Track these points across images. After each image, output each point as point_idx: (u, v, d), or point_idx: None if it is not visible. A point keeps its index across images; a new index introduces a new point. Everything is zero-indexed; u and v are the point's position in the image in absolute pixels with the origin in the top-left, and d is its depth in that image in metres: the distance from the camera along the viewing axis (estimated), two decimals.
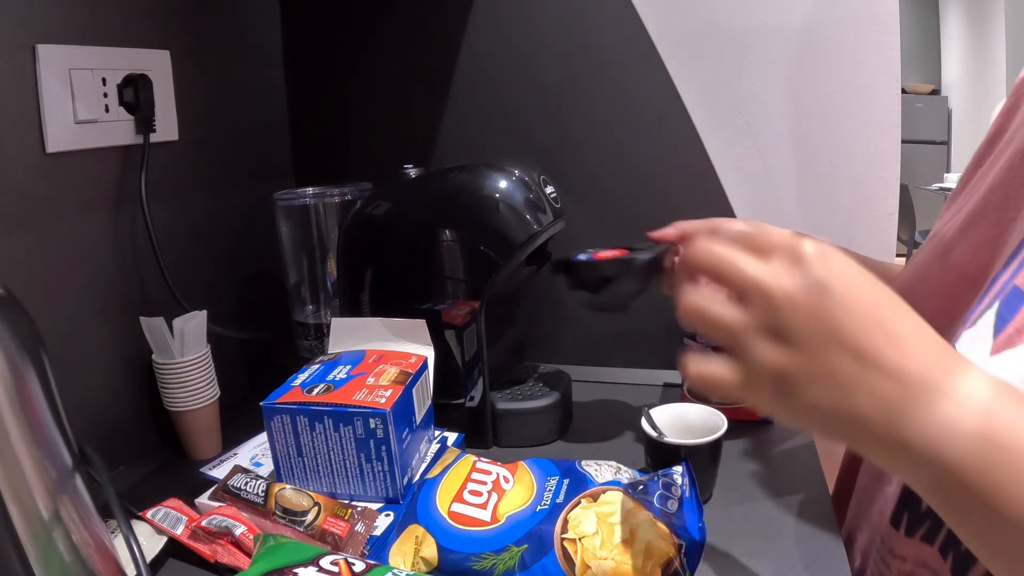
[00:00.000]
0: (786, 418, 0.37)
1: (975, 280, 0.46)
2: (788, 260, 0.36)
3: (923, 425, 0.33)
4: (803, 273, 0.35)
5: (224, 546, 0.59)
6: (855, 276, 0.35)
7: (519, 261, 0.76)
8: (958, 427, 0.32)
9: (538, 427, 0.82)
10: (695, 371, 0.38)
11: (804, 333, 0.35)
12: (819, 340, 0.34)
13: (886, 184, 0.87)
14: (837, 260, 0.35)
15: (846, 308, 0.34)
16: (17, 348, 0.41)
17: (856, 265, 0.36)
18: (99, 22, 0.74)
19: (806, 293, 0.35)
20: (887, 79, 0.84)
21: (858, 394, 0.34)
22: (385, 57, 1.03)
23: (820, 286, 0.35)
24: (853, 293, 0.35)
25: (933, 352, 0.34)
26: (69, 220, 0.72)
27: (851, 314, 0.34)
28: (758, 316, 0.36)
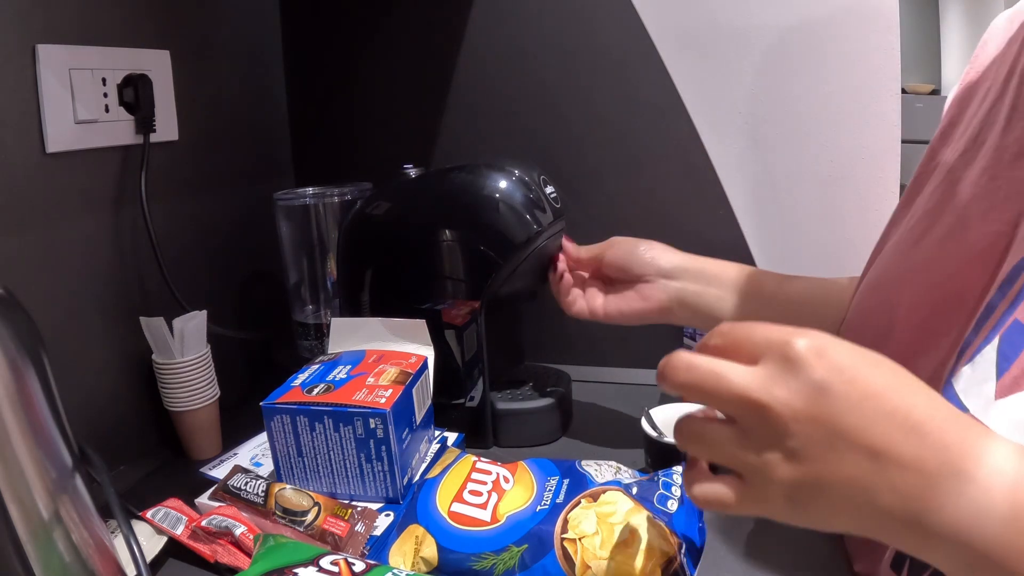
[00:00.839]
0: (805, 524, 0.35)
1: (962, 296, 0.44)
2: (779, 364, 0.33)
3: (950, 514, 0.31)
4: (798, 377, 0.33)
5: (224, 546, 0.59)
6: (856, 367, 0.33)
7: (519, 261, 0.76)
8: (986, 510, 0.31)
9: (538, 427, 0.82)
10: (700, 495, 0.36)
11: (810, 442, 0.32)
12: (827, 447, 0.32)
13: (886, 184, 0.87)
14: (834, 353, 0.33)
15: (852, 406, 0.32)
16: (17, 348, 0.41)
17: (855, 351, 0.34)
18: (99, 22, 0.74)
19: (805, 400, 0.32)
20: (887, 79, 0.84)
21: (878, 492, 0.32)
22: (385, 57, 1.03)
23: (820, 389, 0.32)
24: (858, 387, 0.33)
25: (950, 434, 0.32)
26: (69, 220, 0.72)
27: (858, 412, 0.32)
28: (758, 433, 0.34)
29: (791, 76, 0.88)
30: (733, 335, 0.36)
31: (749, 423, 0.34)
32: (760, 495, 0.34)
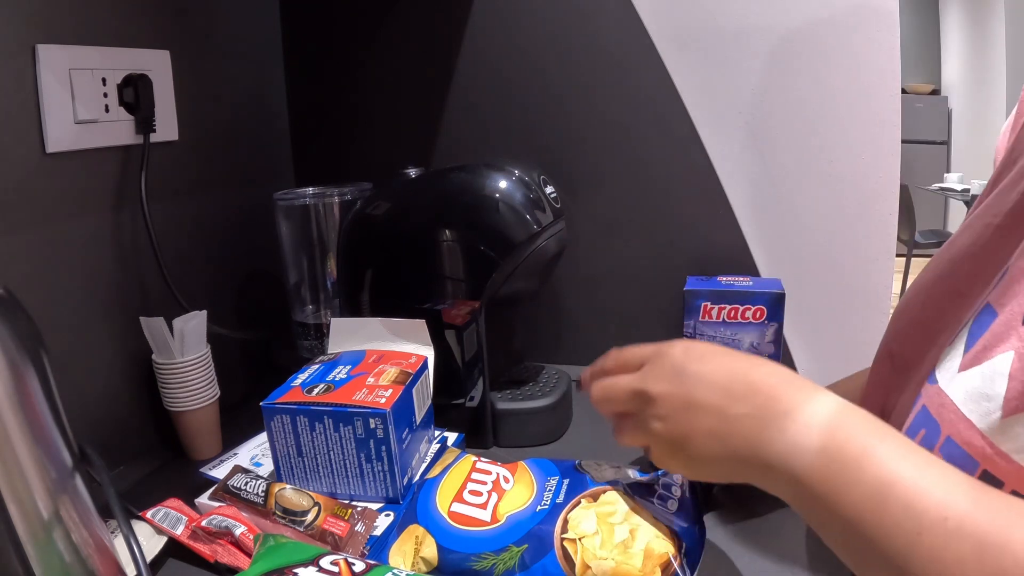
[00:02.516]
0: (694, 476, 0.47)
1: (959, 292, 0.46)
2: (655, 362, 0.48)
3: (777, 448, 0.40)
4: (664, 366, 0.47)
5: (224, 546, 0.59)
6: (709, 353, 0.46)
7: (519, 261, 0.76)
8: (803, 444, 0.39)
9: (538, 427, 0.82)
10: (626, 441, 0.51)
11: (676, 409, 0.45)
12: (686, 411, 0.45)
13: (886, 184, 0.87)
14: (694, 347, 0.47)
15: (701, 379, 0.45)
16: (17, 348, 0.41)
17: (714, 345, 0.47)
18: (99, 22, 0.74)
19: (668, 380, 0.46)
20: (887, 79, 0.84)
21: (728, 438, 0.43)
22: (385, 57, 1.03)
23: (678, 371, 0.46)
24: (708, 366, 0.45)
25: (780, 389, 0.42)
26: (69, 220, 0.72)
27: (708, 382, 0.44)
28: (644, 413, 0.47)
29: (791, 76, 0.88)
30: (623, 356, 0.51)
31: (638, 407, 0.48)
32: (659, 457, 0.48)
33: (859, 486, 0.37)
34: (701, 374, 0.45)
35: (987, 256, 0.44)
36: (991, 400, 0.35)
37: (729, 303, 0.82)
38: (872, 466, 0.37)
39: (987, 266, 0.43)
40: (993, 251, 0.43)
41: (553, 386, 0.84)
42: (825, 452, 0.38)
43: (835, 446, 0.38)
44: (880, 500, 0.36)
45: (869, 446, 0.37)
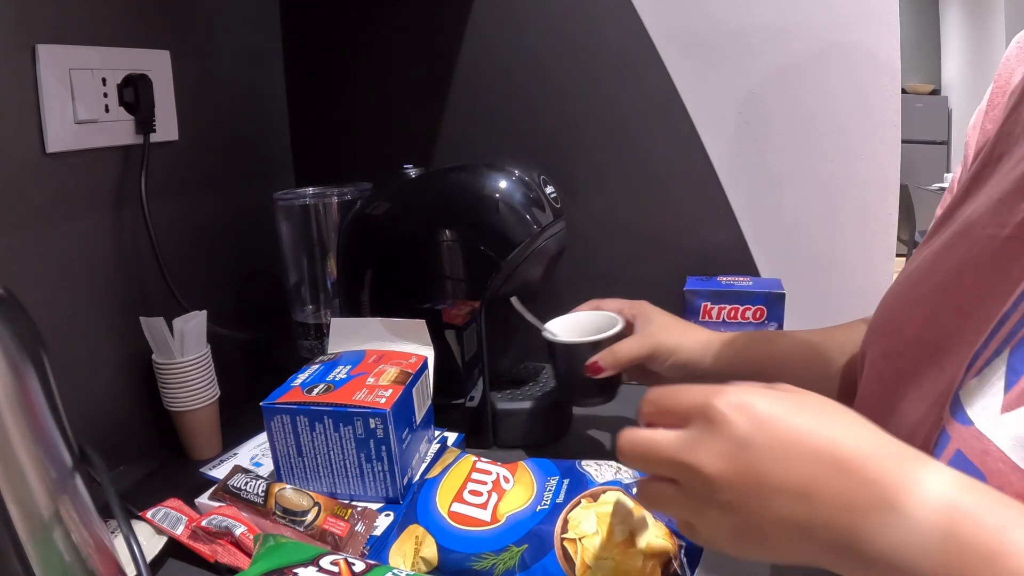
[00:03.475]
0: (757, 558, 0.37)
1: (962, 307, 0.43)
2: (703, 426, 0.36)
3: (882, 546, 0.32)
4: (721, 437, 0.35)
5: (224, 546, 0.59)
6: (775, 417, 0.35)
7: (519, 261, 0.76)
8: (916, 540, 0.32)
9: (538, 427, 0.82)
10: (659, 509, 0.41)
11: (740, 494, 0.35)
12: (757, 496, 0.35)
13: (886, 184, 0.87)
14: (753, 407, 0.35)
15: (775, 455, 0.35)
16: (17, 348, 0.41)
17: (776, 400, 0.36)
18: (99, 22, 0.74)
19: (729, 457, 0.35)
20: (887, 79, 0.84)
21: (812, 528, 0.34)
22: (385, 57, 1.03)
23: (741, 444, 0.35)
24: (778, 436, 0.35)
25: (877, 467, 0.33)
26: (69, 220, 0.72)
27: (782, 459, 0.34)
28: (694, 490, 0.37)
29: (791, 76, 0.88)
30: (661, 403, 0.40)
31: (685, 481, 0.37)
32: (710, 539, 0.38)
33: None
34: (774, 448, 0.35)
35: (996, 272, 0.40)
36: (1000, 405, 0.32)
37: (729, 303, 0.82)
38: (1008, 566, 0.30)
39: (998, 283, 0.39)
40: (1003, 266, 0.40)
41: (553, 386, 0.84)
42: (946, 550, 0.31)
43: (958, 547, 0.31)
44: None
45: (1001, 541, 0.31)
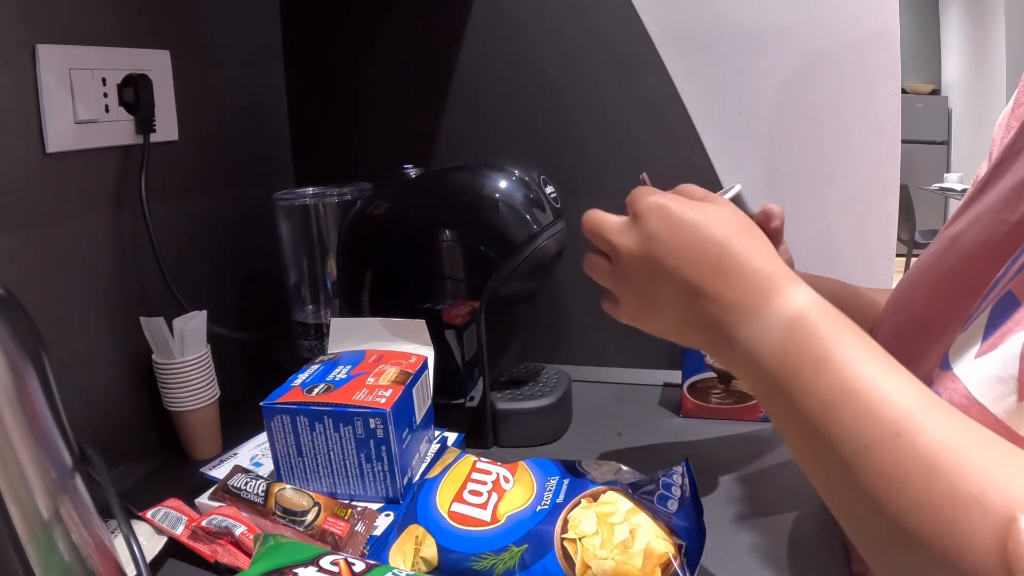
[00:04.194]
0: (651, 331, 0.47)
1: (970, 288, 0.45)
2: (632, 218, 0.46)
3: (740, 342, 0.41)
4: (638, 228, 0.45)
5: (224, 546, 0.59)
6: (684, 221, 0.43)
7: (519, 261, 0.76)
8: (763, 342, 0.39)
9: (538, 427, 0.82)
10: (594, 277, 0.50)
11: (641, 276, 0.45)
12: (652, 280, 0.44)
13: (886, 184, 0.87)
14: (669, 209, 0.44)
15: (672, 251, 0.43)
16: (17, 348, 0.41)
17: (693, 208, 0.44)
18: (99, 22, 0.74)
19: (639, 246, 0.45)
20: (887, 79, 0.84)
21: (691, 316, 0.43)
22: (385, 57, 1.03)
23: (649, 237, 0.44)
24: (681, 238, 0.43)
25: (751, 279, 0.41)
26: (69, 220, 0.72)
27: (678, 255, 0.43)
28: (617, 268, 0.47)
29: (791, 76, 0.88)
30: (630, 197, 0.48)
31: (614, 258, 0.48)
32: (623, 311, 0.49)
33: (815, 390, 0.36)
34: (674, 246, 0.44)
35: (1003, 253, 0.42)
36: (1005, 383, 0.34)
37: None
38: (829, 372, 0.36)
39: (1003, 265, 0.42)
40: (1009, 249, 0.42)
41: (553, 386, 0.84)
42: (784, 352, 0.38)
43: (795, 347, 0.38)
44: (833, 408, 0.35)
45: (829, 350, 0.37)
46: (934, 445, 0.32)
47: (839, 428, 0.35)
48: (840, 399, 0.35)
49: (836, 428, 0.35)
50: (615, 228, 0.47)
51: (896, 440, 0.33)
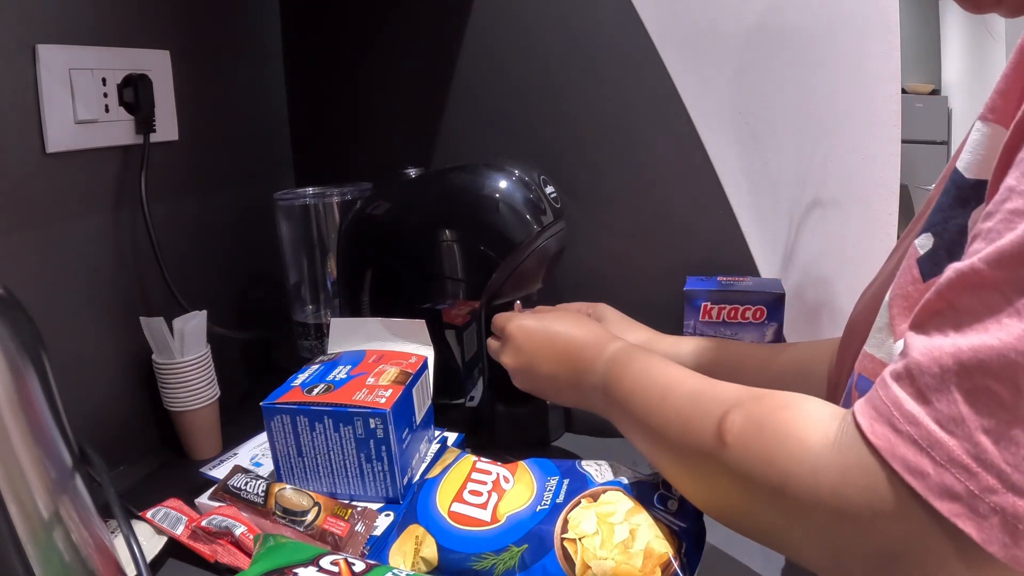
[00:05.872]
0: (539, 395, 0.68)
1: None
2: (504, 339, 0.69)
3: (588, 388, 0.60)
4: (510, 345, 0.67)
5: (224, 546, 0.59)
6: (538, 330, 0.66)
7: (519, 261, 0.76)
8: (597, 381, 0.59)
9: (538, 427, 0.82)
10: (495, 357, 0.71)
11: (520, 376, 0.67)
12: (529, 377, 0.66)
13: (886, 184, 0.87)
14: (526, 325, 0.67)
15: (536, 354, 0.65)
16: (17, 348, 0.41)
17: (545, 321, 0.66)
18: (99, 22, 0.74)
19: (514, 356, 0.67)
20: (887, 79, 0.84)
21: (558, 390, 0.65)
22: (385, 57, 1.03)
23: (518, 349, 0.66)
24: (539, 342, 0.65)
25: (589, 348, 0.61)
26: (69, 220, 0.72)
27: (540, 356, 0.65)
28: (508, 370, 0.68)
29: (791, 76, 0.88)
30: (494, 323, 0.71)
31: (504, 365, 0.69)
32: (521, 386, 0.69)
33: (622, 387, 0.56)
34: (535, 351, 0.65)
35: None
36: (882, 331, 0.41)
37: (729, 303, 0.82)
38: (628, 375, 0.56)
39: None
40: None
41: None
42: (607, 374, 0.58)
43: (611, 370, 0.58)
44: (631, 394, 0.54)
45: (629, 365, 0.57)
46: (684, 392, 0.50)
47: (635, 405, 0.53)
48: (632, 387, 0.55)
49: (634, 406, 0.53)
50: (497, 349, 0.70)
51: (664, 396, 0.51)
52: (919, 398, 0.33)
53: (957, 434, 0.31)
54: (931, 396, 0.33)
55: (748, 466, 0.41)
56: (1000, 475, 0.31)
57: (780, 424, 0.40)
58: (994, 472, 0.31)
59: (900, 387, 0.34)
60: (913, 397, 0.33)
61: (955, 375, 0.32)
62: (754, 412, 0.42)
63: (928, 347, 0.33)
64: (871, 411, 0.35)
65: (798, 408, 0.41)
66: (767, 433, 0.40)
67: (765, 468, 0.40)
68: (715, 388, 0.48)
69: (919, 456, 0.32)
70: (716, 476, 0.44)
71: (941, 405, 0.32)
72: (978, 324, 0.32)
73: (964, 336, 0.32)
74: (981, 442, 0.31)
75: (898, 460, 0.33)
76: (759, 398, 0.44)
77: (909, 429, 0.33)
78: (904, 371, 0.34)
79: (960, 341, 0.32)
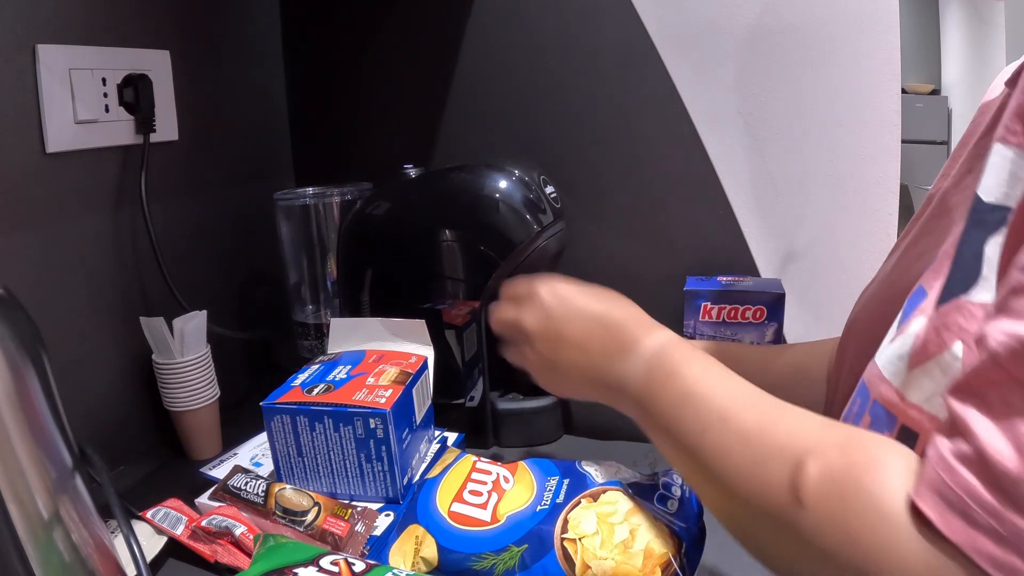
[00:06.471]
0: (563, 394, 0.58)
1: None
2: (529, 302, 0.57)
3: (619, 372, 0.50)
4: (536, 308, 0.56)
5: (224, 546, 0.59)
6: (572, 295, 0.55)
7: (519, 261, 0.76)
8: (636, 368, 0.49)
9: (538, 427, 0.82)
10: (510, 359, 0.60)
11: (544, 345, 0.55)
12: (554, 346, 0.55)
13: (886, 184, 0.87)
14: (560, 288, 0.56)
15: (567, 320, 0.54)
16: (17, 348, 0.41)
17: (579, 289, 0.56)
18: (99, 22, 0.74)
19: (540, 320, 0.55)
20: (887, 79, 0.84)
21: (586, 367, 0.53)
22: (385, 57, 1.03)
23: (548, 312, 0.55)
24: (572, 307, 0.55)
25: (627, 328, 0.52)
26: (69, 220, 0.72)
27: (571, 322, 0.54)
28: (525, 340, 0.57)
29: (791, 76, 0.88)
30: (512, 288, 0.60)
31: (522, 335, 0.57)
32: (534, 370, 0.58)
33: (666, 396, 0.46)
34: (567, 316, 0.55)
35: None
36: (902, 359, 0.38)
37: (729, 303, 0.82)
38: (677, 382, 0.46)
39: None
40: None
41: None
42: (648, 373, 0.48)
43: (655, 369, 0.48)
44: (679, 408, 0.45)
45: (679, 368, 0.47)
46: (748, 422, 0.41)
47: (684, 423, 0.45)
48: (684, 400, 0.45)
49: (682, 423, 0.45)
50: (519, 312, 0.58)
51: (722, 424, 0.42)
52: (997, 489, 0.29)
53: None
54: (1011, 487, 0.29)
55: (826, 538, 0.35)
56: None
57: (865, 491, 0.34)
58: None
59: (972, 473, 0.30)
60: (988, 487, 0.29)
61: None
62: (834, 467, 0.36)
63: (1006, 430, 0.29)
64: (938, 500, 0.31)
65: (881, 469, 0.35)
66: (850, 500, 0.34)
67: (846, 546, 0.34)
68: (786, 418, 0.41)
69: (1006, 551, 0.29)
70: (784, 537, 0.38)
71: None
72: None
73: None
74: None
75: (984, 557, 0.29)
76: (842, 446, 0.37)
77: (992, 522, 0.29)
78: (976, 455, 0.30)
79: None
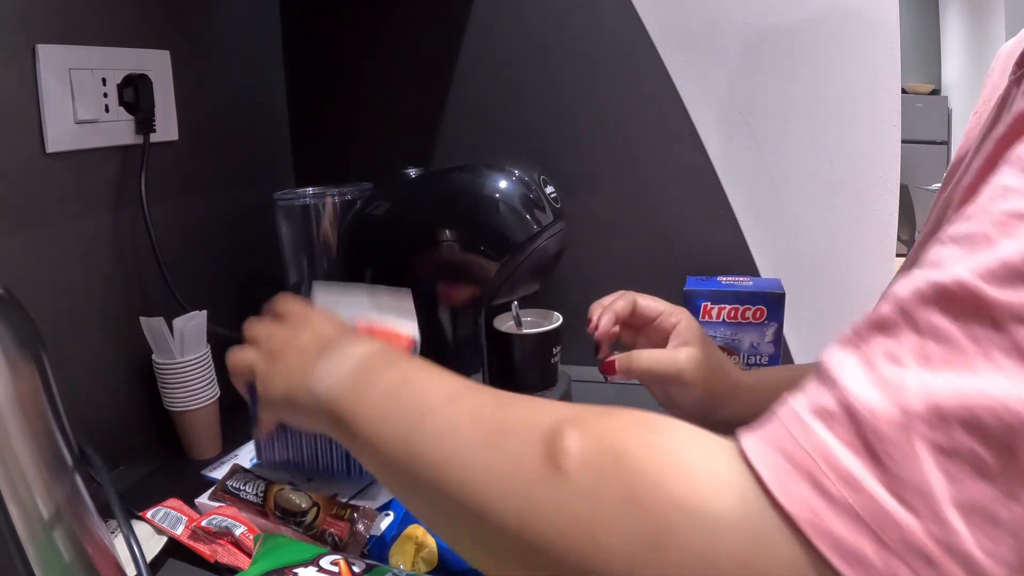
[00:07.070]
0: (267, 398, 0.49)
1: None
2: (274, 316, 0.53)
3: (320, 373, 0.45)
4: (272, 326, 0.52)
5: (224, 546, 0.59)
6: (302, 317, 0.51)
7: (519, 261, 0.76)
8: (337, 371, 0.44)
9: None
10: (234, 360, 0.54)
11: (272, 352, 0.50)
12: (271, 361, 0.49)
13: (886, 184, 0.87)
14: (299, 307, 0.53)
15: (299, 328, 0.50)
16: (17, 348, 0.41)
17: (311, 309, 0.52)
18: (99, 22, 0.74)
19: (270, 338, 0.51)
20: (887, 79, 0.84)
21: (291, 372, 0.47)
22: (385, 57, 1.03)
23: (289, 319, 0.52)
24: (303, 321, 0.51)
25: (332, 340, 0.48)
26: (69, 220, 0.72)
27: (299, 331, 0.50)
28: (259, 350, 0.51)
29: (791, 76, 0.88)
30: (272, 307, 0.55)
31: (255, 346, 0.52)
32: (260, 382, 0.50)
33: (375, 389, 0.41)
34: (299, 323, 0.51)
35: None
36: None
37: (729, 303, 0.82)
38: (389, 373, 0.42)
39: None
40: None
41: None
42: (354, 372, 0.43)
43: (364, 366, 0.44)
44: (391, 398, 0.40)
45: (391, 363, 0.43)
46: (482, 400, 0.37)
47: (396, 412, 0.39)
48: (397, 388, 0.40)
49: (394, 412, 0.39)
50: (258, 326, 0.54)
51: (449, 404, 0.37)
52: (862, 452, 0.24)
53: (919, 508, 0.23)
54: (882, 450, 0.24)
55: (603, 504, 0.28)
56: (971, 567, 0.23)
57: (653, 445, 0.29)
58: (964, 563, 0.23)
59: (830, 430, 0.25)
60: (851, 448, 0.24)
61: (926, 425, 0.23)
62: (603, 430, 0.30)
63: (881, 381, 0.24)
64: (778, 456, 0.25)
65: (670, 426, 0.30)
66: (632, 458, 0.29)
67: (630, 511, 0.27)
68: (526, 400, 0.36)
69: (858, 534, 0.23)
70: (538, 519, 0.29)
71: (900, 467, 0.23)
72: (960, 360, 0.24)
73: (937, 374, 0.24)
74: (950, 521, 0.23)
75: (825, 537, 0.24)
76: (606, 412, 0.32)
77: (845, 494, 0.24)
78: (840, 409, 0.25)
79: (932, 380, 0.24)
